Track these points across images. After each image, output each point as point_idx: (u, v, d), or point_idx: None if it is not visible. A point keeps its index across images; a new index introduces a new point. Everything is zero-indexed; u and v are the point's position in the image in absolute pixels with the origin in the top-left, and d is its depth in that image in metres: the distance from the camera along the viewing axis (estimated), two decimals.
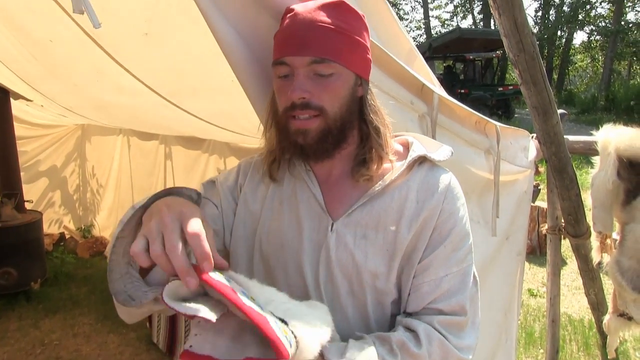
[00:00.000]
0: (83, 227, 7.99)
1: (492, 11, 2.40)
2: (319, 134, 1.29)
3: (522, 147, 3.22)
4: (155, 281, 1.18)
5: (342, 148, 1.36)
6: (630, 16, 32.61)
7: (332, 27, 1.27)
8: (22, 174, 6.41)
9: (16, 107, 6.03)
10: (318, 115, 1.28)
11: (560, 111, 3.16)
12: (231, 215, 1.52)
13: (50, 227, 7.79)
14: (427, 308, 1.35)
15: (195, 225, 1.05)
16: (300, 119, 1.28)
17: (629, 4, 31.68)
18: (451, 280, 1.34)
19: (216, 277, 1.03)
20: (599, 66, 36.05)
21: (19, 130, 6.33)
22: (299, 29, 1.28)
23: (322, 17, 1.28)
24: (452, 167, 1.48)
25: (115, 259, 1.18)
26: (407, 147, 1.47)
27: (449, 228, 1.36)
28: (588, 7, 31.77)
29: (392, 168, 1.40)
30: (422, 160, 1.42)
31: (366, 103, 1.37)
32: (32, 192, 7.20)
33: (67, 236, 7.93)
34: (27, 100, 5.65)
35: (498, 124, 2.70)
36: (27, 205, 6.41)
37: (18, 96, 5.58)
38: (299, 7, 1.32)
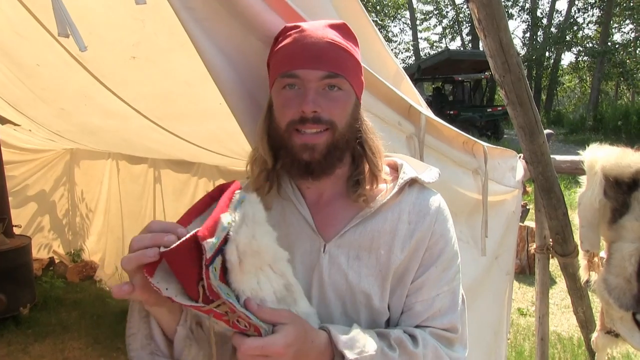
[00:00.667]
0: (72, 252, 7.92)
1: (477, 32, 2.42)
2: (327, 148, 1.29)
3: (510, 167, 3.23)
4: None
5: (338, 167, 1.36)
6: (617, 37, 33.06)
7: (343, 46, 1.29)
8: (10, 198, 6.38)
9: (4, 131, 6.01)
10: (327, 130, 1.28)
11: (547, 131, 3.18)
12: None
13: (39, 252, 7.75)
14: (420, 326, 1.36)
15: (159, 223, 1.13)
16: (306, 133, 1.28)
17: (615, 25, 32.10)
18: (442, 300, 1.37)
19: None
20: (586, 87, 36.36)
21: (6, 154, 6.31)
22: (311, 43, 1.28)
23: (333, 35, 1.30)
24: (441, 187, 1.49)
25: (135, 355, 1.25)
26: (395, 168, 1.48)
27: (440, 249, 1.38)
28: (575, 28, 32.09)
29: (384, 190, 1.40)
30: (412, 182, 1.43)
31: (363, 123, 1.38)
32: (20, 216, 7.17)
33: (57, 261, 7.86)
34: (15, 124, 5.64)
35: (485, 144, 2.72)
36: (16, 230, 6.38)
37: (5, 121, 5.56)
38: (305, 25, 1.33)
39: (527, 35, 34.74)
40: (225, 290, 1.09)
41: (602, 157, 3.13)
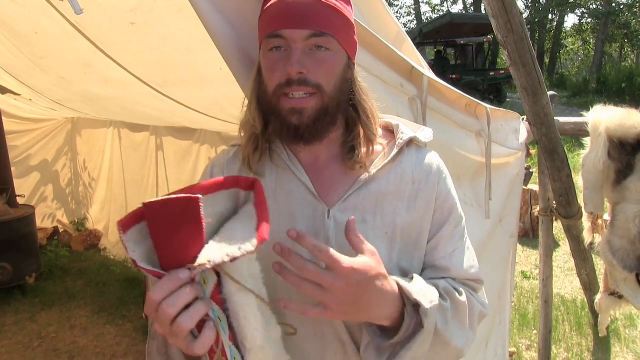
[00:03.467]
0: (76, 221, 7.96)
1: None
2: (316, 113, 1.25)
3: (513, 129, 3.21)
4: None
5: (332, 131, 1.33)
6: None
7: (330, 3, 1.25)
8: (13, 168, 6.39)
9: (4, 101, 6.01)
10: (315, 94, 1.24)
11: (550, 93, 3.16)
12: None
13: (43, 222, 7.78)
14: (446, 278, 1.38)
15: None
16: (294, 97, 1.24)
17: None
18: (460, 254, 1.39)
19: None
20: (590, 49, 36.03)
21: (8, 124, 6.29)
22: (297, 2, 1.23)
23: None
24: (444, 150, 1.49)
25: None
26: (389, 129, 1.47)
27: (449, 207, 1.40)
28: None
29: (381, 151, 1.39)
30: (409, 142, 1.42)
31: (356, 85, 1.35)
32: (24, 186, 7.18)
33: (61, 230, 7.91)
34: (15, 94, 5.62)
35: (488, 106, 2.69)
36: (20, 200, 6.40)
37: (6, 90, 5.55)
38: None
39: None
40: (203, 273, 1.01)
41: (606, 118, 3.11)
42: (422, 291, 1.23)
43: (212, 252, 0.97)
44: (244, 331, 1.06)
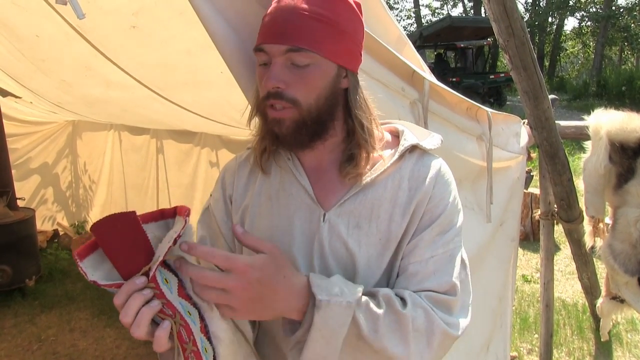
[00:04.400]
0: (76, 224, 7.96)
1: None
2: (293, 124, 1.27)
3: (514, 132, 3.21)
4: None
5: (324, 139, 1.34)
6: (621, 1, 32.72)
7: (314, 15, 1.23)
8: (13, 171, 6.38)
9: (5, 104, 6.00)
10: (291, 108, 1.25)
11: (551, 96, 3.16)
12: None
13: (43, 224, 7.78)
14: (416, 290, 1.31)
15: None
16: (276, 108, 1.26)
17: None
18: (437, 262, 1.32)
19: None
20: (590, 52, 36.06)
21: (8, 127, 6.30)
22: (279, 16, 1.25)
23: (304, 4, 1.24)
24: (444, 153, 1.48)
25: None
26: (396, 135, 1.46)
27: (439, 213, 1.34)
28: None
29: (383, 157, 1.38)
30: (412, 148, 1.40)
31: (351, 97, 1.34)
32: (24, 189, 7.19)
33: (61, 233, 7.90)
34: (16, 97, 5.62)
35: (489, 110, 2.70)
36: (20, 203, 6.39)
37: (7, 93, 5.54)
38: None
39: (530, 0, 34.38)
40: (162, 273, 1.10)
41: (607, 122, 3.11)
42: (330, 285, 1.19)
43: (158, 250, 1.09)
44: (215, 322, 1.14)
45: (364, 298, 1.21)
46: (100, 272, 1.08)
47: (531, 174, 8.83)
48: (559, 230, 5.28)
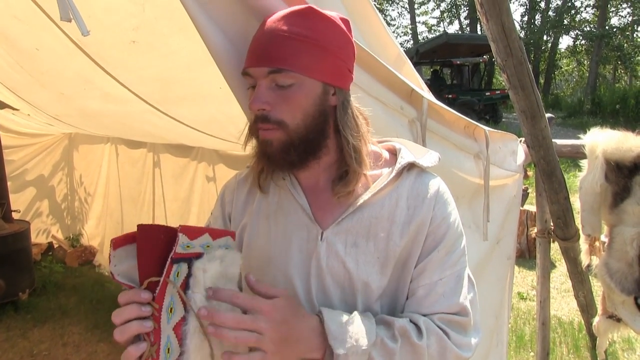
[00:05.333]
0: (71, 236, 7.93)
1: (479, 16, 2.40)
2: (281, 145, 1.28)
3: (511, 151, 3.23)
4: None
5: (317, 157, 1.34)
6: (614, 21, 32.98)
7: (293, 35, 1.24)
8: (9, 183, 6.37)
9: (2, 116, 6.00)
10: (278, 129, 1.27)
11: (547, 115, 3.17)
12: None
13: (38, 237, 7.74)
14: (427, 314, 1.33)
15: None
16: (264, 129, 1.28)
17: (613, 9, 31.97)
18: (446, 283, 1.33)
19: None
20: (584, 70, 36.28)
21: (5, 139, 6.30)
22: (261, 39, 1.27)
23: (284, 26, 1.26)
24: (442, 171, 1.48)
25: None
26: (393, 153, 1.47)
27: (442, 233, 1.35)
28: (573, 11, 31.99)
29: (381, 175, 1.39)
30: (410, 166, 1.41)
31: (338, 114, 1.34)
32: (19, 201, 7.16)
33: (56, 245, 7.86)
34: (14, 109, 5.61)
35: (487, 128, 2.71)
36: (15, 215, 6.38)
37: (4, 105, 5.54)
38: (270, 17, 1.31)
39: (525, 19, 34.59)
40: (173, 302, 1.10)
41: (603, 141, 3.13)
42: (344, 332, 1.21)
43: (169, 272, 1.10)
44: None
45: (379, 336, 1.23)
46: (124, 266, 1.11)
47: (527, 191, 8.85)
48: (554, 247, 5.29)
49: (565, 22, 31.35)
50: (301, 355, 1.19)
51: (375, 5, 2.04)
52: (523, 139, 3.37)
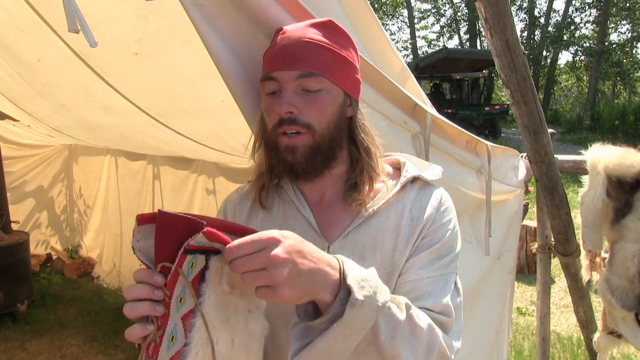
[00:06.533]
0: (70, 248, 7.89)
1: (484, 32, 2.41)
2: (308, 150, 1.29)
3: (512, 166, 3.22)
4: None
5: (332, 167, 1.36)
6: (614, 37, 33.10)
7: (321, 43, 1.28)
8: (8, 194, 6.36)
9: (2, 127, 6.00)
10: (306, 133, 1.27)
11: (549, 131, 3.17)
12: None
13: (37, 248, 7.72)
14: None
15: None
16: (288, 135, 1.28)
17: (612, 25, 32.15)
18: (433, 283, 1.31)
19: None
20: (584, 86, 36.42)
21: (5, 150, 6.30)
22: (288, 44, 1.29)
23: (312, 34, 1.29)
24: (444, 186, 1.48)
25: None
26: (397, 167, 1.48)
27: (439, 237, 1.35)
28: (572, 27, 32.15)
29: (386, 188, 1.39)
30: (414, 179, 1.42)
31: (356, 123, 1.37)
32: (18, 212, 7.15)
33: (54, 257, 7.84)
34: (14, 120, 5.62)
35: (489, 143, 2.71)
36: (14, 226, 6.36)
37: (4, 116, 5.54)
38: (288, 27, 1.34)
39: (525, 34, 34.71)
40: (183, 293, 1.08)
41: (604, 156, 3.12)
42: (365, 280, 1.10)
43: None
44: None
45: (389, 302, 1.15)
46: (145, 244, 1.11)
47: (527, 206, 8.84)
48: (553, 262, 5.26)
49: (565, 37, 31.47)
50: (314, 290, 1.06)
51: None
52: (524, 154, 3.37)
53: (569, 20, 32.02)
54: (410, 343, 1.17)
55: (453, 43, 41.96)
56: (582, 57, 33.54)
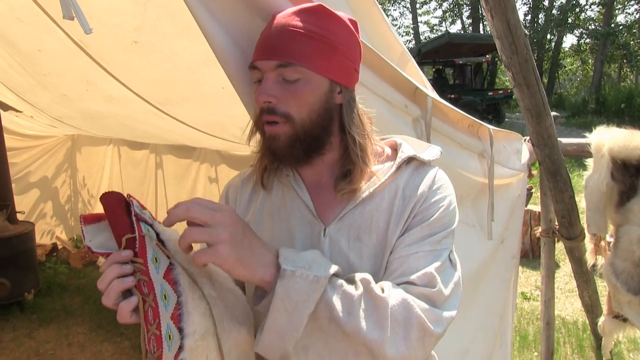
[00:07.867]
0: (75, 237, 7.95)
1: (484, 13, 2.39)
2: (287, 139, 1.29)
3: (515, 150, 3.21)
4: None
5: (321, 154, 1.35)
6: (620, 18, 32.80)
7: (302, 31, 1.26)
8: (13, 185, 6.37)
9: (6, 118, 6.01)
10: (285, 122, 1.28)
11: (553, 114, 3.15)
12: None
13: (42, 238, 7.76)
14: (397, 283, 1.26)
15: None
16: (271, 124, 1.29)
17: (619, 6, 31.86)
18: (421, 259, 1.28)
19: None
20: (589, 69, 36.14)
21: (9, 141, 6.30)
22: (270, 33, 1.29)
23: (295, 21, 1.28)
24: (446, 170, 1.47)
25: None
26: (395, 148, 1.47)
27: (430, 214, 1.33)
28: (577, 10, 31.87)
29: (382, 170, 1.39)
30: (409, 160, 1.41)
31: (345, 112, 1.35)
32: (23, 203, 7.17)
33: (60, 247, 7.88)
34: (17, 111, 5.62)
35: (491, 127, 2.69)
36: (19, 217, 6.38)
37: (7, 107, 5.55)
38: (280, 14, 1.33)
39: (529, 17, 34.48)
40: (155, 253, 1.14)
41: (609, 139, 3.10)
42: (300, 259, 1.18)
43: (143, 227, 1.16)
44: (188, 316, 1.14)
45: (340, 280, 1.19)
46: (99, 240, 1.16)
47: (531, 191, 8.82)
48: (558, 247, 5.25)
49: (570, 20, 31.24)
50: (251, 263, 1.13)
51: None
52: (527, 137, 3.35)
53: (574, 2, 31.72)
54: (372, 317, 1.16)
55: (456, 28, 41.85)
56: (588, 40, 33.29)
